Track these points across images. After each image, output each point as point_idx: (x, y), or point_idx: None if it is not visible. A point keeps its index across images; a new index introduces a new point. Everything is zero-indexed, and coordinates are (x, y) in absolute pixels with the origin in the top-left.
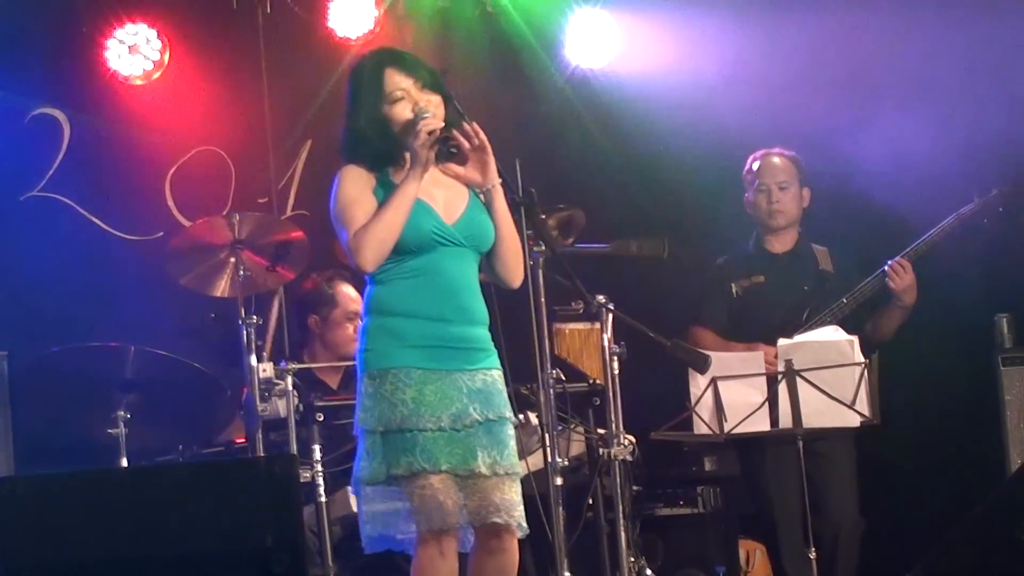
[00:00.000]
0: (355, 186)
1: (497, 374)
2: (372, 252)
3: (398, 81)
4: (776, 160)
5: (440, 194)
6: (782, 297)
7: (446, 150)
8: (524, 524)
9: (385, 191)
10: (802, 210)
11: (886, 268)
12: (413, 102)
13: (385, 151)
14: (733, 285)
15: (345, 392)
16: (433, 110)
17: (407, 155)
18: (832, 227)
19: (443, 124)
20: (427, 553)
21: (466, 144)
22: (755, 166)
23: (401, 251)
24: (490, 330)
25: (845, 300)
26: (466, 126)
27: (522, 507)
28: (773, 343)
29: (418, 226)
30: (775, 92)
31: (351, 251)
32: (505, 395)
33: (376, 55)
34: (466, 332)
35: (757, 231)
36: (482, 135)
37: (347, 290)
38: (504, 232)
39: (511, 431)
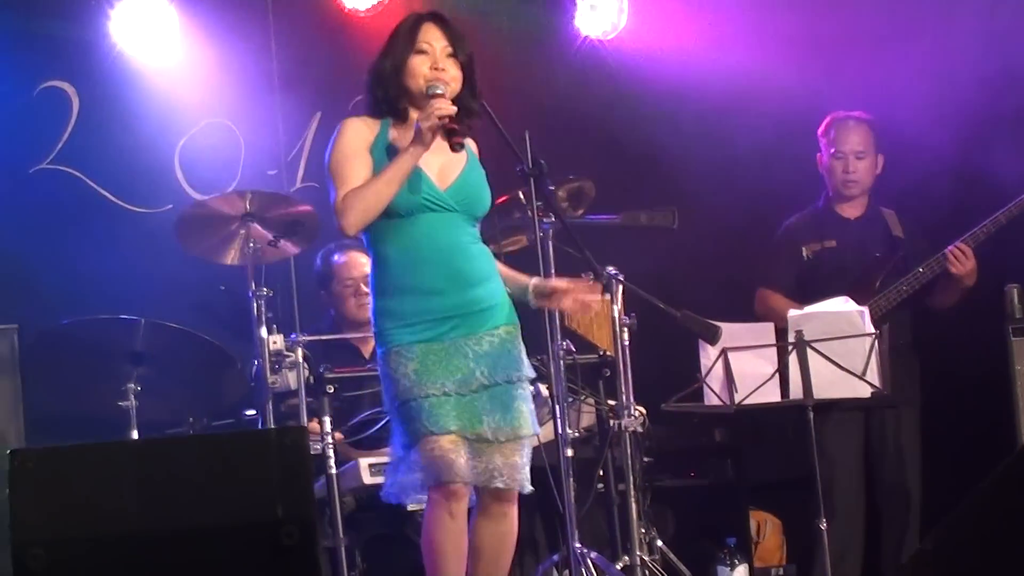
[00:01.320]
0: (353, 141)
1: (505, 331)
2: (356, 217)
3: (430, 36)
4: (854, 125)
5: (436, 159)
6: (853, 263)
7: (448, 137)
8: (528, 485)
9: (380, 149)
10: (876, 177)
11: (946, 252)
12: (433, 61)
13: (392, 97)
14: (804, 248)
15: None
16: (448, 81)
17: (408, 113)
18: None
19: (455, 110)
20: (436, 513)
21: (471, 143)
22: (832, 131)
23: (391, 213)
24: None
25: (921, 270)
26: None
27: (527, 469)
28: None
29: (408, 191)
30: (788, 60)
31: (337, 211)
32: (516, 353)
33: (423, 13)
34: (463, 297)
35: (827, 193)
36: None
37: (344, 258)
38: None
39: (520, 391)
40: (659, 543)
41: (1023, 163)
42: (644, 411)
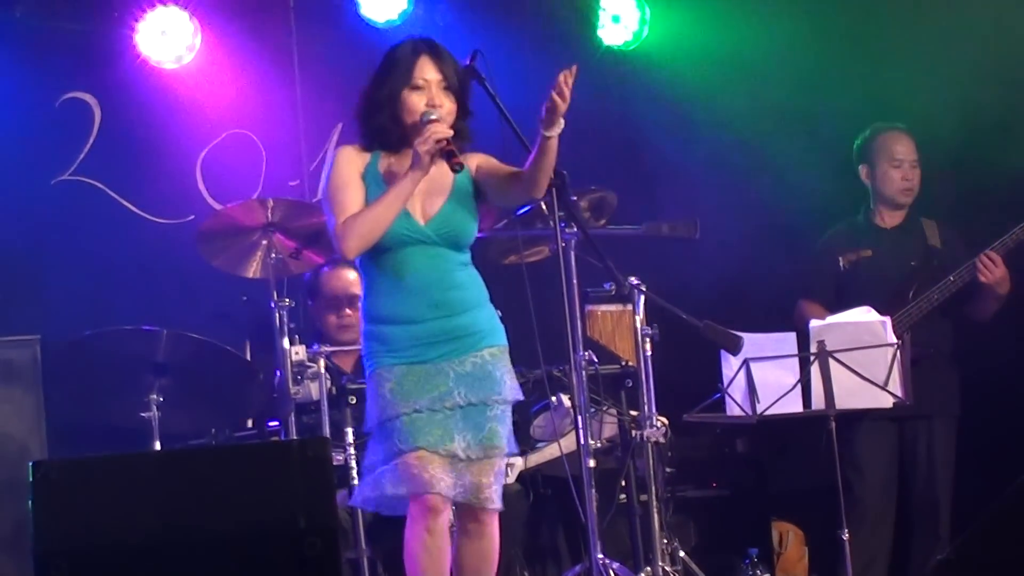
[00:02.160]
0: (347, 169)
1: (489, 354)
2: (356, 242)
3: (427, 71)
4: (907, 137)
5: (418, 191)
6: (889, 272)
7: (447, 159)
8: (497, 502)
9: (372, 179)
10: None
11: (975, 261)
12: (429, 98)
13: (387, 129)
14: (841, 258)
15: (360, 376)
16: (443, 115)
17: (405, 148)
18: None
19: (451, 134)
20: (414, 529)
21: (462, 162)
22: (884, 142)
23: (377, 246)
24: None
25: (952, 278)
26: (561, 76)
27: (497, 487)
28: None
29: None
30: (805, 71)
31: (337, 237)
32: (498, 375)
33: (417, 41)
34: (447, 325)
35: (867, 204)
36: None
37: (334, 275)
38: (547, 167)
39: (495, 412)
40: (681, 554)
41: None
42: (666, 421)
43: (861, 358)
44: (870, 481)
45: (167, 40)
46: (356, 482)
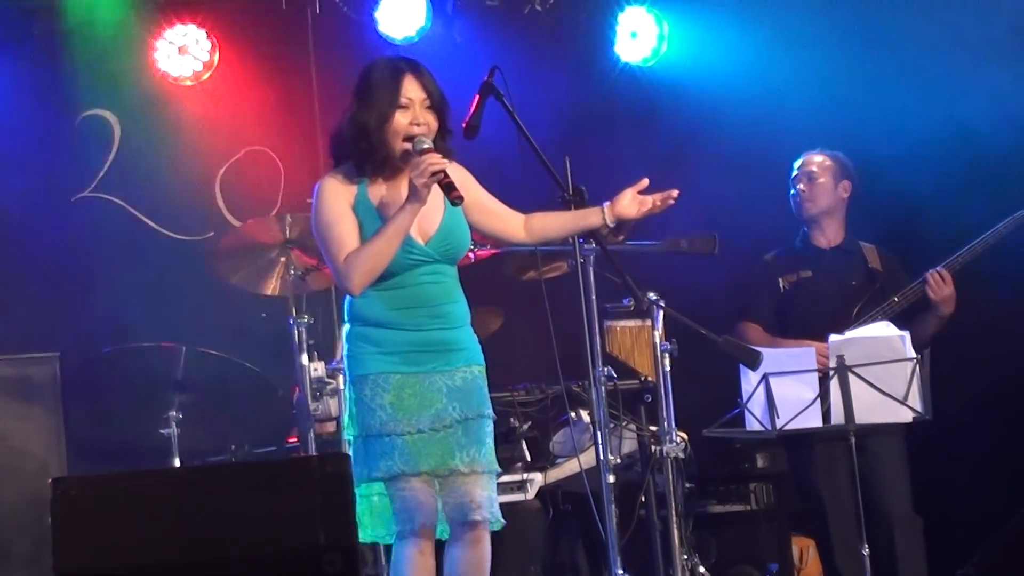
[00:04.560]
0: (336, 203)
1: (478, 370)
2: (361, 278)
3: (411, 91)
4: (812, 155)
5: None
6: (830, 293)
7: (447, 192)
8: (501, 519)
9: (365, 210)
10: (841, 202)
11: (926, 277)
12: (412, 116)
13: (374, 153)
14: (781, 280)
15: None
16: (429, 136)
17: (394, 174)
18: (879, 225)
19: (447, 164)
20: (408, 551)
21: (461, 194)
22: (794, 164)
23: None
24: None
25: (897, 299)
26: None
27: (497, 504)
28: (821, 339)
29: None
30: (823, 89)
31: (340, 274)
32: (485, 391)
33: (396, 60)
34: (443, 336)
35: (804, 227)
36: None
37: None
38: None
39: (489, 428)
40: (701, 569)
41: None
42: (686, 437)
43: (880, 373)
44: (832, 503)
45: (186, 57)
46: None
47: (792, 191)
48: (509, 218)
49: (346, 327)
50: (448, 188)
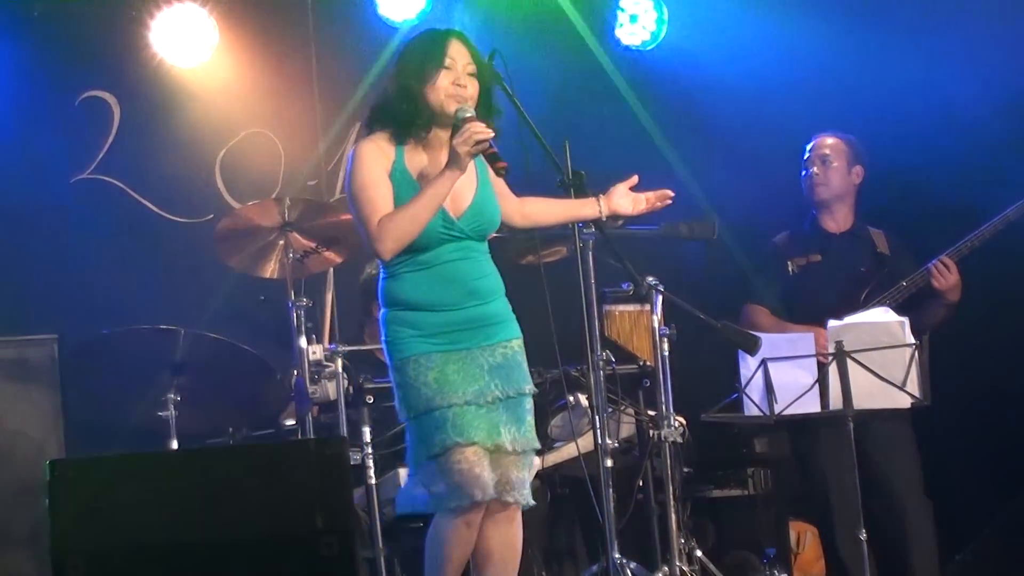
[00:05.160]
0: (374, 167)
1: (517, 344)
2: (394, 243)
3: (455, 52)
4: (825, 137)
5: None
6: (838, 277)
7: (491, 162)
8: (531, 500)
9: (402, 177)
10: (853, 187)
11: (930, 267)
12: (455, 76)
13: (418, 113)
14: (789, 263)
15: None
16: (468, 96)
17: (433, 141)
18: (889, 211)
19: (492, 134)
20: (455, 523)
21: (507, 164)
22: (807, 146)
23: (409, 247)
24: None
25: (905, 284)
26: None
27: (529, 481)
28: (826, 324)
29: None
30: (824, 72)
31: (373, 238)
32: (524, 366)
33: (443, 29)
34: (479, 312)
35: (813, 211)
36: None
37: None
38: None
39: (529, 405)
40: (698, 553)
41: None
42: (684, 421)
43: (879, 358)
44: (835, 488)
45: (185, 39)
46: (373, 481)
47: (804, 172)
48: (511, 202)
49: (382, 312)
50: (493, 158)
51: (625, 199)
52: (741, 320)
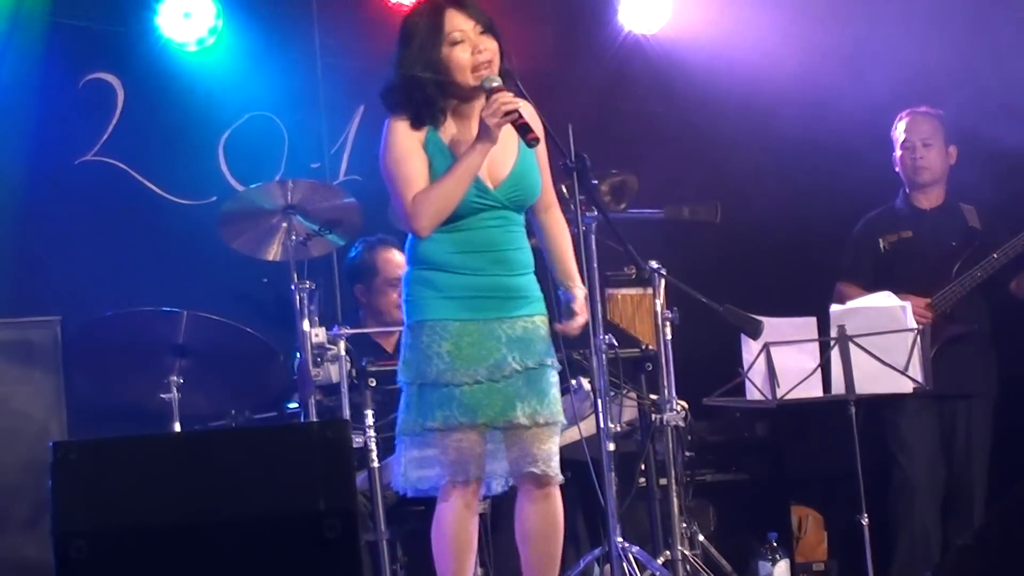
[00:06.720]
0: (407, 141)
1: (540, 320)
2: (430, 219)
3: (458, 23)
4: (921, 117)
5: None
6: (930, 252)
7: (522, 134)
8: (560, 474)
9: (436, 149)
10: (948, 167)
11: (1022, 235)
12: (473, 45)
13: (435, 100)
14: (881, 240)
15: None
16: (492, 60)
17: (455, 106)
18: (981, 186)
19: (520, 104)
20: (453, 504)
21: (537, 135)
22: (900, 125)
23: None
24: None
25: (996, 256)
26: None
27: (558, 457)
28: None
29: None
30: (833, 59)
31: (409, 215)
32: (548, 341)
33: (435, 1)
34: (505, 282)
35: (904, 188)
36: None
37: (390, 255)
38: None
39: (553, 378)
40: (700, 538)
41: None
42: (686, 405)
43: (881, 343)
44: (919, 461)
45: (190, 21)
46: (376, 464)
47: (899, 152)
48: (547, 191)
49: (406, 270)
50: (523, 129)
51: (574, 324)
52: (834, 297)
